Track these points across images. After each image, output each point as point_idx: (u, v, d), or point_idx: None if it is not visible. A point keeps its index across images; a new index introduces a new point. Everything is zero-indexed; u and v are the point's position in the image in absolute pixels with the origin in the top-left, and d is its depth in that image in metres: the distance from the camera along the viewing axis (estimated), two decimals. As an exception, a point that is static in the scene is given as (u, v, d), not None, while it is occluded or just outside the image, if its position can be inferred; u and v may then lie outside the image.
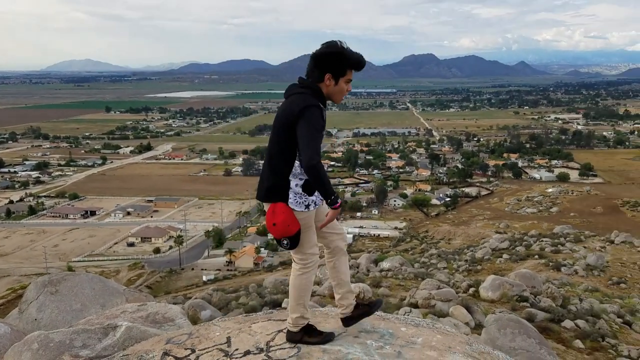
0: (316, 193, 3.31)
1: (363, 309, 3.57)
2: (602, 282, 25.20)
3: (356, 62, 3.28)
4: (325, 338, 3.39)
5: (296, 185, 3.26)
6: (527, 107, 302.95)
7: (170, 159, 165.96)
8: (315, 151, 3.09)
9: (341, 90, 3.32)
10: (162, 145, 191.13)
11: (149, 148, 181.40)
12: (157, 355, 3.44)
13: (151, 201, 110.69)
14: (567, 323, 13.02)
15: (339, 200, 3.18)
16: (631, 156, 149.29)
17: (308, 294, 3.42)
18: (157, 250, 77.38)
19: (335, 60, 3.22)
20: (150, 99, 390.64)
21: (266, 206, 3.34)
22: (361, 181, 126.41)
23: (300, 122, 3.13)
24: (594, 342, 12.14)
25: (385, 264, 25.63)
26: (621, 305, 19.16)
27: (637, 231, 49.79)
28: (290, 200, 3.25)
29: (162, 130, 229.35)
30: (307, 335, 3.40)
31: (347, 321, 3.58)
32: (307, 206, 3.29)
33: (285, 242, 3.28)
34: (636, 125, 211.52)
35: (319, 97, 3.27)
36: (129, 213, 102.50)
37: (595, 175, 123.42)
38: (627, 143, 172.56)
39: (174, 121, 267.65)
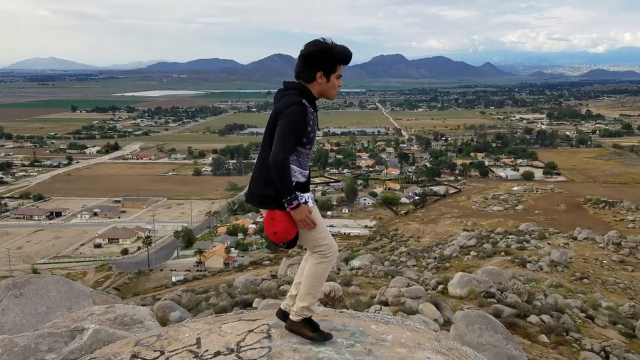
0: (308, 194, 3.35)
1: (306, 328, 3.41)
2: (565, 278, 25.86)
3: (344, 56, 3.31)
4: (323, 337, 3.35)
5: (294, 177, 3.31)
6: (493, 107, 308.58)
7: (138, 159, 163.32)
8: (283, 148, 3.11)
9: (333, 86, 3.35)
10: (129, 144, 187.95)
11: (116, 148, 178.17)
12: (126, 357, 3.40)
13: (119, 201, 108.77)
14: (533, 318, 13.31)
15: (294, 202, 3.15)
16: (593, 155, 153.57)
17: (321, 285, 3.42)
18: (125, 252, 76.08)
19: (325, 57, 3.26)
20: (117, 98, 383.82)
21: (263, 211, 3.37)
22: (331, 180, 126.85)
23: (280, 121, 3.19)
24: (558, 337, 12.46)
25: (355, 263, 25.78)
26: (584, 300, 19.72)
27: (599, 228, 51.25)
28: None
29: (129, 130, 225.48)
30: (307, 328, 3.39)
31: (288, 321, 3.51)
32: (305, 202, 3.29)
33: (284, 245, 3.34)
34: (597, 125, 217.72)
35: (306, 96, 3.29)
36: (95, 214, 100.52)
37: (559, 174, 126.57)
38: (589, 142, 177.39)
39: (142, 120, 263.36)
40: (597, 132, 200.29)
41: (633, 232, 51.77)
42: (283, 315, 3.57)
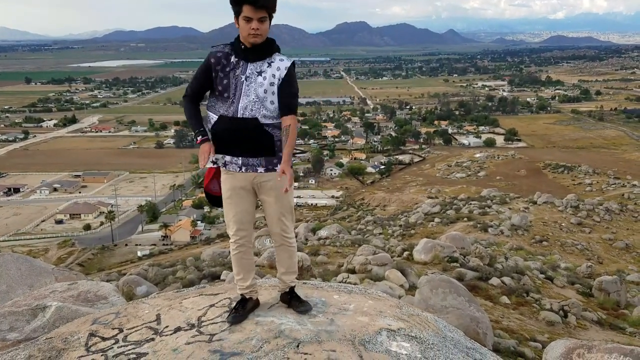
0: (228, 157, 3.17)
1: (288, 299, 3.47)
2: (525, 241, 26.66)
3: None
4: (236, 314, 3.31)
5: (209, 129, 3.22)
6: (456, 75, 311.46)
7: (97, 132, 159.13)
8: (187, 87, 3.17)
9: (243, 30, 3.01)
10: (88, 117, 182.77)
11: (74, 121, 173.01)
12: (83, 336, 3.31)
13: (79, 176, 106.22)
14: (494, 280, 13.69)
15: (199, 138, 3.07)
16: (552, 121, 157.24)
17: (235, 266, 3.37)
18: (87, 227, 74.73)
19: None
20: (73, 69, 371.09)
21: None
22: (297, 151, 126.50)
23: None
24: (519, 298, 12.86)
25: (323, 232, 25.94)
26: (543, 262, 20.40)
27: (558, 192, 52.83)
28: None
29: (87, 102, 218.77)
30: (236, 306, 3.39)
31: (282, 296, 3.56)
32: (214, 162, 3.22)
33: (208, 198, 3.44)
34: (557, 91, 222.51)
35: (233, 42, 3.15)
36: (55, 189, 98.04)
37: (520, 140, 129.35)
38: (548, 108, 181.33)
39: (99, 92, 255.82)
40: (557, 98, 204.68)
41: (590, 195, 53.59)
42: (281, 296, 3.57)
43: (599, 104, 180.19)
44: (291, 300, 3.45)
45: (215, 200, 3.39)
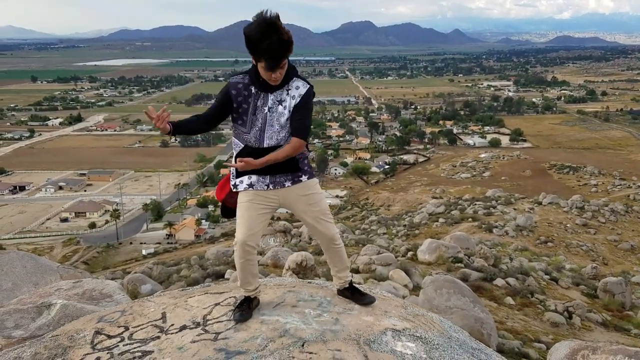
0: (256, 177, 3.23)
1: (349, 293, 3.57)
2: (530, 242, 26.60)
3: (267, 52, 2.88)
4: (240, 314, 3.30)
5: (232, 155, 3.27)
6: (462, 75, 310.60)
7: (102, 131, 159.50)
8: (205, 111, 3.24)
9: (263, 75, 3.02)
10: (93, 116, 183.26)
11: (79, 119, 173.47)
12: (89, 334, 3.32)
13: (84, 174, 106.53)
14: (499, 281, 13.67)
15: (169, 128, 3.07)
16: (558, 121, 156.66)
17: (239, 270, 3.35)
18: (92, 225, 74.94)
19: (246, 43, 2.93)
20: (79, 68, 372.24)
21: None
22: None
23: None
24: (523, 299, 12.83)
25: (326, 232, 25.93)
26: (548, 263, 20.35)
27: (563, 193, 52.67)
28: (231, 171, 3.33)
29: (93, 101, 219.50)
30: (239, 305, 3.39)
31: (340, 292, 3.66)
32: (234, 185, 3.29)
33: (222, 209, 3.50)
34: (563, 91, 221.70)
35: (250, 73, 3.14)
36: (61, 187, 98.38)
37: (525, 140, 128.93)
38: (554, 109, 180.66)
39: (105, 91, 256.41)
40: (562, 98, 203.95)
41: (596, 196, 53.43)
42: (338, 292, 3.66)
43: (604, 105, 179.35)
44: (353, 294, 3.56)
45: (230, 212, 3.46)
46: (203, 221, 72.43)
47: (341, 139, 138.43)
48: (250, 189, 3.25)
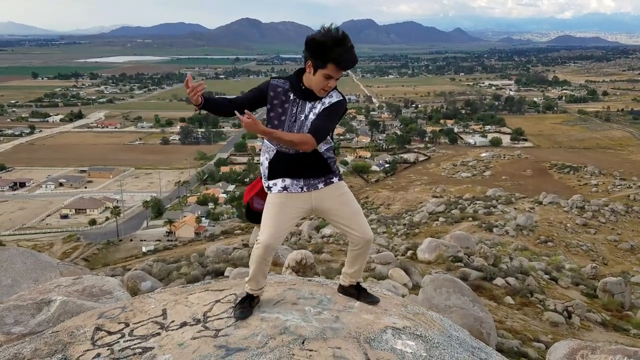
0: (288, 180, 3.25)
1: (241, 303, 3.42)
2: (530, 241, 26.60)
3: (339, 58, 2.98)
4: (241, 312, 3.31)
5: (265, 159, 3.30)
6: (463, 74, 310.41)
7: (103, 128, 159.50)
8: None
9: (318, 82, 3.07)
10: (94, 113, 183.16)
11: (80, 116, 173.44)
12: (89, 330, 3.33)
13: (84, 171, 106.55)
14: (499, 281, 13.67)
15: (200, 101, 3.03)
16: (559, 121, 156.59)
17: (254, 267, 3.34)
18: (92, 222, 74.96)
19: (318, 50, 2.98)
20: (80, 64, 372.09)
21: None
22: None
23: None
24: (523, 298, 12.84)
25: (326, 230, 25.93)
26: (548, 263, 20.35)
27: (564, 192, 52.66)
28: (262, 173, 3.37)
29: (93, 97, 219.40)
30: (242, 303, 3.40)
31: (341, 289, 3.72)
32: (268, 188, 3.30)
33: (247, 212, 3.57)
34: (564, 91, 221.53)
35: (290, 78, 3.18)
36: (61, 184, 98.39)
37: (526, 140, 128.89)
38: (555, 108, 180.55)
39: (106, 87, 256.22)
40: (564, 98, 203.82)
41: (596, 195, 53.39)
42: (342, 289, 3.71)
43: (605, 105, 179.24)
44: (359, 293, 3.62)
45: (255, 216, 3.48)
46: (203, 219, 72.45)
47: (341, 137, 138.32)
48: (285, 191, 3.27)
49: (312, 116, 3.15)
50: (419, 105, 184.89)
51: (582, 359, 4.91)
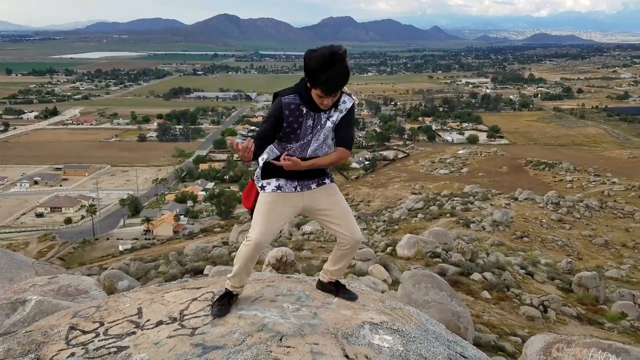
0: (282, 180, 3.29)
1: (220, 300, 3.41)
2: (507, 237, 26.94)
3: (322, 84, 3.01)
4: (218, 309, 3.30)
5: (261, 159, 3.30)
6: (441, 72, 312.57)
7: (79, 124, 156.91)
8: (259, 130, 3.18)
9: (315, 99, 3.12)
10: (69, 109, 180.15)
11: (55, 113, 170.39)
12: (63, 330, 3.27)
13: (60, 169, 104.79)
14: (476, 276, 13.84)
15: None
16: (534, 118, 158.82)
17: (241, 264, 3.33)
18: (68, 221, 73.81)
19: (305, 69, 3.05)
20: (55, 61, 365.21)
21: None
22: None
23: None
24: (499, 293, 13.01)
25: (307, 228, 25.99)
26: (524, 258, 20.66)
27: (539, 188, 53.45)
28: (256, 174, 3.37)
29: (69, 94, 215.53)
30: (221, 299, 3.38)
31: (320, 284, 3.75)
32: (262, 187, 3.32)
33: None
34: (540, 89, 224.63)
35: (300, 92, 3.18)
36: (36, 182, 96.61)
37: (502, 137, 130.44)
38: (531, 106, 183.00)
39: (81, 84, 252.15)
40: (539, 95, 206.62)
41: (571, 191, 54.32)
42: (320, 285, 3.74)
43: (580, 102, 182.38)
44: (338, 289, 3.66)
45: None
46: (182, 217, 71.81)
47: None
48: (278, 190, 3.30)
49: (329, 124, 3.22)
50: (398, 103, 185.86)
51: (558, 352, 4.99)
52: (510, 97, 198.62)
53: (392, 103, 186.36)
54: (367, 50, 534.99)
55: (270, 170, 3.28)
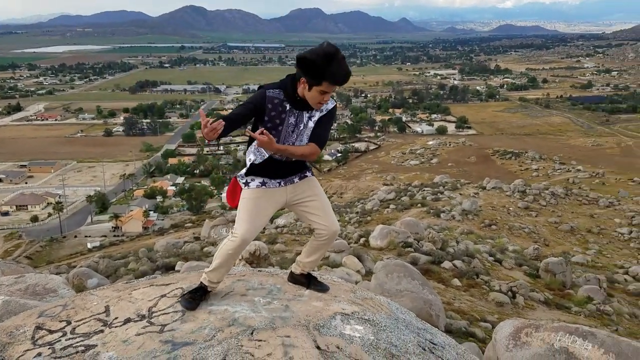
0: (268, 178, 3.31)
1: (192, 293, 3.38)
2: (475, 225, 27.37)
3: (333, 79, 3.05)
4: (188, 303, 3.28)
5: (248, 160, 3.30)
6: (409, 64, 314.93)
7: (43, 120, 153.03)
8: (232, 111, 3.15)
9: (313, 97, 3.12)
10: (33, 105, 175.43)
11: (18, 109, 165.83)
12: (29, 329, 3.19)
13: (24, 166, 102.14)
14: (446, 264, 14.04)
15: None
16: (501, 108, 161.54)
17: (223, 259, 3.30)
18: (34, 219, 72.11)
19: (312, 70, 3.03)
20: (17, 55, 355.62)
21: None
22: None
23: None
24: (469, 280, 13.24)
25: (280, 221, 25.91)
26: (492, 245, 21.04)
27: (506, 177, 54.50)
28: (239, 173, 3.38)
29: (32, 89, 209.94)
30: (194, 293, 3.35)
31: (291, 277, 3.77)
32: (246, 183, 3.33)
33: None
34: (505, 80, 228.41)
35: (285, 88, 3.17)
36: (0, 180, 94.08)
37: (470, 127, 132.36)
38: (497, 96, 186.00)
39: (45, 79, 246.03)
40: (505, 86, 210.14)
41: (537, 180, 55.57)
42: (292, 278, 3.75)
43: (545, 92, 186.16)
44: (309, 281, 3.68)
45: None
46: (151, 212, 70.82)
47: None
48: (263, 186, 3.31)
49: (310, 124, 3.23)
50: (369, 95, 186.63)
51: (527, 337, 5.10)
52: (477, 88, 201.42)
53: (363, 95, 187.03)
54: (337, 42, 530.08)
55: (256, 171, 3.30)
